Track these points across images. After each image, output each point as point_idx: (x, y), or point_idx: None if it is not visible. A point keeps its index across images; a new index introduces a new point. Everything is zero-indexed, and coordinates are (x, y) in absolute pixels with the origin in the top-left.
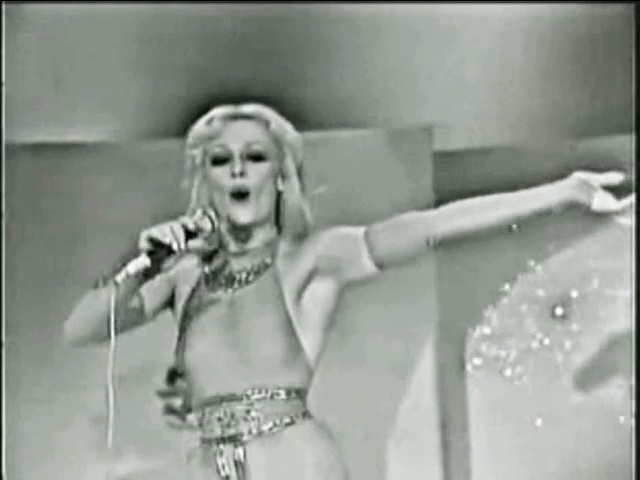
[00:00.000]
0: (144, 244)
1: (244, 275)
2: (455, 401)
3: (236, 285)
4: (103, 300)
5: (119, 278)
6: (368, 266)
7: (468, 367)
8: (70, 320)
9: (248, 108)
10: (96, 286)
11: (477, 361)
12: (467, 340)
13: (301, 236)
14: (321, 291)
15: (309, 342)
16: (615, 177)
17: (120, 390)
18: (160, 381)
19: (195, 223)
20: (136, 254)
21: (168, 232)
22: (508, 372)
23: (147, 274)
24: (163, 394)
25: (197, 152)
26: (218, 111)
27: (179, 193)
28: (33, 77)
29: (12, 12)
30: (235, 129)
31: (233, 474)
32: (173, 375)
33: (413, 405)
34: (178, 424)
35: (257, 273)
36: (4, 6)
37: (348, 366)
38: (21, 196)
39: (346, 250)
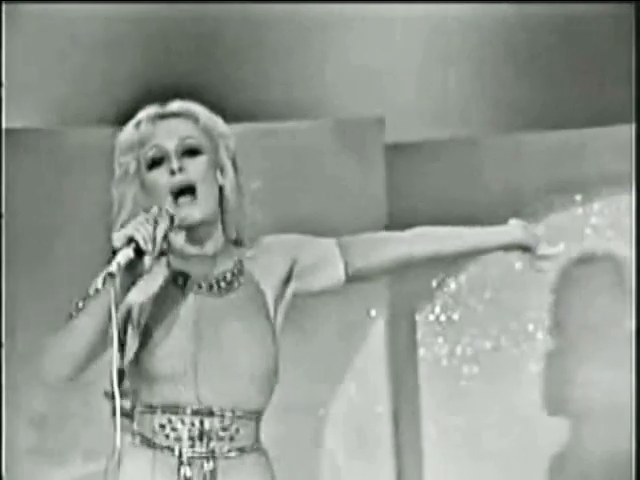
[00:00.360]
0: (118, 243)
1: (217, 282)
2: (408, 399)
3: (211, 291)
4: (93, 313)
5: (113, 268)
6: (340, 276)
7: (421, 366)
8: (53, 358)
9: (174, 105)
10: (71, 316)
11: (430, 358)
12: (420, 337)
13: (246, 233)
14: (287, 298)
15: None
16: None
17: (65, 392)
18: (107, 382)
19: (155, 219)
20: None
21: (142, 229)
22: (464, 370)
23: (132, 269)
24: (111, 395)
25: (130, 159)
26: (145, 113)
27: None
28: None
29: None
30: (166, 128)
31: None
32: (122, 376)
33: (366, 405)
34: (127, 426)
35: (232, 279)
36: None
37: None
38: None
39: (320, 257)
